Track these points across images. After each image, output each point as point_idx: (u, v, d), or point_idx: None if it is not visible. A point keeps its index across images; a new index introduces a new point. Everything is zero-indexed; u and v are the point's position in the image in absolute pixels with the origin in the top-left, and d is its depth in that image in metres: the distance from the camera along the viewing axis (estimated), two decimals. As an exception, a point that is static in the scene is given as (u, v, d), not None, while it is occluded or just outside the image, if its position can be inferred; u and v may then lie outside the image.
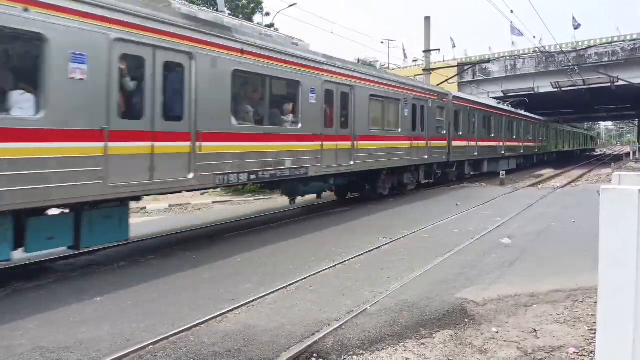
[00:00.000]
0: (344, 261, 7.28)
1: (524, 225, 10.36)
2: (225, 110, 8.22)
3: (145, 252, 8.02)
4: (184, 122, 7.43)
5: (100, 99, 6.20)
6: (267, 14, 33.46)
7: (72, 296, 5.68)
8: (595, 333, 2.78)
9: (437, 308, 5.28)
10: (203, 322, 4.83)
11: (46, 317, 5.04)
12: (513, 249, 8.12)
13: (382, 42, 63.57)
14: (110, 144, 6.29)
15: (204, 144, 7.71)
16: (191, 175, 7.54)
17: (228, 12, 26.74)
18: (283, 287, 5.96)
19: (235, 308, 5.23)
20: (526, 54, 34.09)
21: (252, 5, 32.68)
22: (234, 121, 8.43)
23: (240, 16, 33.10)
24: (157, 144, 6.94)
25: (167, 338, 4.46)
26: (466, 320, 5.01)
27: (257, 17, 33.77)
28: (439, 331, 4.71)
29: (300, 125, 10.08)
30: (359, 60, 42.61)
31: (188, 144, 7.47)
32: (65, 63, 5.81)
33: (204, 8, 11.31)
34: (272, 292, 5.77)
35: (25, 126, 5.50)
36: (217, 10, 21.96)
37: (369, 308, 5.27)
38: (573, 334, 4.58)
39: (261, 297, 5.59)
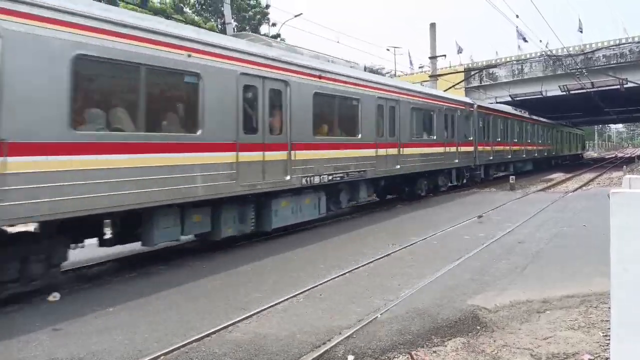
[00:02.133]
0: (356, 267, 7.27)
1: (535, 230, 10.26)
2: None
3: (156, 262, 8.07)
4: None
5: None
6: (274, 25, 33.82)
7: (85, 307, 5.73)
8: (610, 339, 2.74)
9: (449, 315, 5.24)
10: (214, 332, 4.84)
11: (59, 328, 5.08)
12: (524, 254, 8.05)
13: (388, 50, 63.58)
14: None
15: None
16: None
17: (235, 23, 27.02)
18: (293, 296, 5.96)
19: (246, 317, 5.24)
20: (533, 58, 33.95)
21: (258, 17, 33.04)
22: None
23: (247, 27, 33.46)
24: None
25: (178, 348, 4.47)
26: (478, 327, 4.97)
27: (263, 28, 34.12)
28: (451, 339, 4.67)
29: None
30: (365, 68, 42.70)
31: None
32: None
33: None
34: (283, 301, 5.77)
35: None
36: (223, 22, 22.22)
37: (379, 316, 5.25)
38: (587, 340, 4.52)
39: (272, 306, 5.59)
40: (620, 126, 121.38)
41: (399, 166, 13.69)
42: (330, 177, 10.66)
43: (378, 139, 12.62)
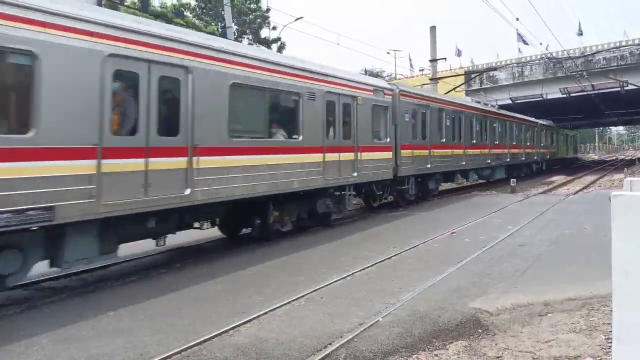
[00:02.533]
0: (357, 271, 7.26)
1: (536, 233, 10.25)
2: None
3: (156, 266, 8.06)
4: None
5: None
6: (274, 28, 33.87)
7: (86, 311, 5.72)
8: (612, 342, 2.74)
9: (450, 318, 5.23)
10: (215, 336, 4.84)
11: (61, 332, 5.08)
12: (525, 257, 8.04)
13: (389, 53, 63.68)
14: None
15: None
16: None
17: (235, 27, 27.08)
18: (294, 299, 5.95)
19: (247, 321, 5.23)
20: (533, 60, 34.01)
21: (258, 20, 33.11)
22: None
23: (248, 31, 33.54)
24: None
25: (179, 352, 4.47)
26: (480, 330, 4.96)
27: (264, 31, 34.20)
28: (453, 342, 4.67)
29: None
30: (365, 71, 42.83)
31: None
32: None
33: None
34: (284, 305, 5.76)
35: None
36: (224, 26, 22.29)
37: (381, 319, 5.24)
38: (589, 343, 4.51)
39: (272, 310, 5.58)
40: (620, 128, 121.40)
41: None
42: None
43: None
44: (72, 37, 6.01)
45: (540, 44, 51.24)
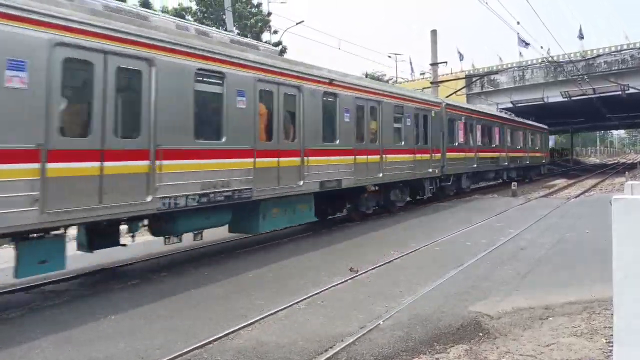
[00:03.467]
0: (363, 273, 7.26)
1: (537, 236, 10.24)
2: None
3: (157, 270, 8.07)
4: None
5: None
6: (275, 32, 33.97)
7: (87, 314, 5.73)
8: (613, 345, 2.74)
9: (451, 322, 5.23)
10: (216, 339, 4.83)
11: (62, 335, 5.08)
12: (527, 260, 8.03)
13: (390, 57, 63.64)
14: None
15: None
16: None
17: (237, 31, 27.19)
18: (295, 303, 5.95)
19: (248, 325, 5.23)
20: (535, 64, 34.05)
21: (260, 24, 33.21)
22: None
23: (249, 35, 33.62)
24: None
25: (180, 355, 4.47)
26: (481, 334, 4.95)
27: (265, 35, 34.29)
28: (454, 346, 4.66)
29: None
30: (366, 75, 42.92)
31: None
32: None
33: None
34: (284, 308, 5.76)
35: None
36: (225, 29, 22.38)
37: (381, 323, 5.24)
38: (590, 347, 4.50)
39: (273, 313, 5.58)
40: (622, 132, 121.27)
41: (475, 165, 18.61)
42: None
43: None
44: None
45: (541, 47, 51.05)
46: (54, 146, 5.74)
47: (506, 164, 24.27)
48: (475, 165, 19.91)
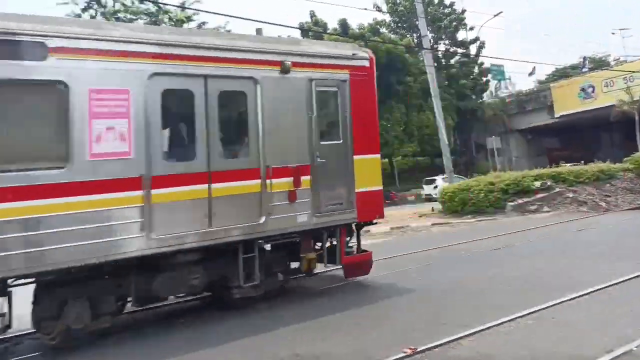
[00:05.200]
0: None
1: None
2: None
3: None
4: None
5: None
6: (471, 29, 32.51)
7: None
8: None
9: None
10: (437, 346, 4.79)
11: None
12: None
13: (613, 33, 54.04)
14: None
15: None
16: None
17: (431, 34, 27.01)
18: (521, 317, 5.48)
19: (470, 334, 5.03)
20: None
21: (454, 24, 32.23)
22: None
23: (444, 36, 33.02)
24: None
25: None
26: None
27: (460, 34, 33.14)
28: None
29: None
30: (584, 59, 37.26)
31: None
32: None
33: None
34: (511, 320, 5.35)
35: None
36: (419, 35, 22.44)
37: (634, 349, 4.39)
38: None
39: (497, 325, 5.25)
40: None
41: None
42: None
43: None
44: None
45: None
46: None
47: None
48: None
